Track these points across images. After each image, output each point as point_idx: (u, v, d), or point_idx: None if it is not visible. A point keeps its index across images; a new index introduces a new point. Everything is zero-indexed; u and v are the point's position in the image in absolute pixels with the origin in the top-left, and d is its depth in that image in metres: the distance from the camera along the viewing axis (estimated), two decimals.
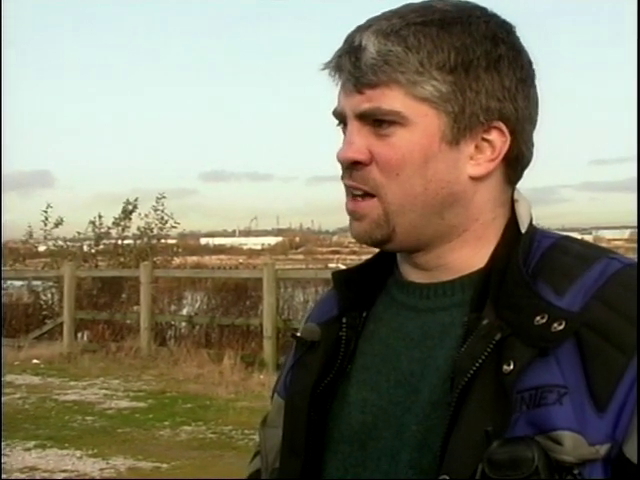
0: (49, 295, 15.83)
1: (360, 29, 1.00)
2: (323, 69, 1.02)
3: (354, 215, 1.03)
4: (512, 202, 1.04)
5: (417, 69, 0.96)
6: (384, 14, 1.00)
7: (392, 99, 0.97)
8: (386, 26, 0.98)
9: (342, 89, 1.02)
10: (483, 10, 1.02)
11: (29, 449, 7.40)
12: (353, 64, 0.98)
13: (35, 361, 12.52)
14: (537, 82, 1.04)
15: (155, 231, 17.25)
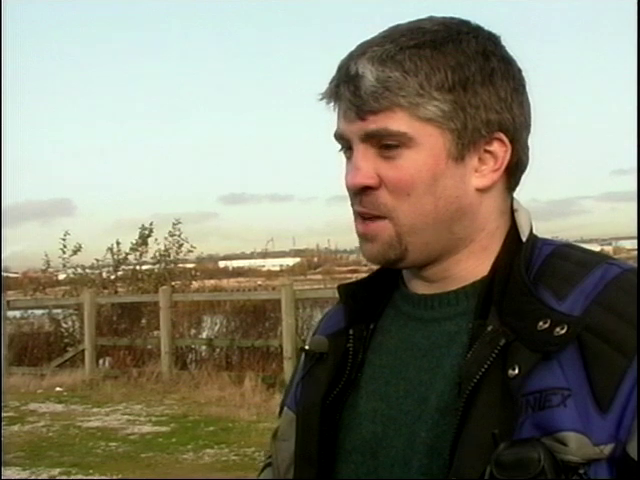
0: (70, 323, 15.87)
1: (353, 56, 1.01)
2: (321, 99, 1.04)
3: (365, 237, 1.05)
4: (512, 211, 1.07)
5: (417, 92, 0.98)
6: (375, 39, 1.02)
7: (397, 121, 0.99)
8: (381, 52, 0.99)
9: (343, 117, 1.03)
10: (469, 25, 1.04)
11: (54, 476, 7.43)
12: (353, 93, 1.00)
13: (58, 389, 12.57)
14: (528, 88, 1.06)
15: (172, 256, 17.30)
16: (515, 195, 1.09)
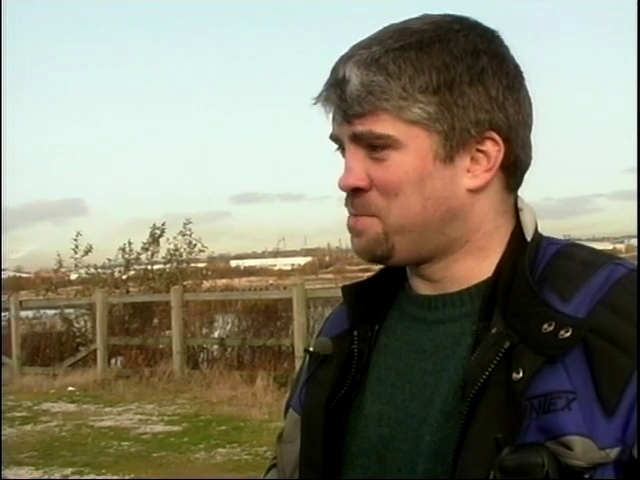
0: (82, 322, 15.92)
1: (343, 60, 1.02)
2: (315, 103, 1.05)
3: (353, 231, 1.05)
4: (516, 210, 1.06)
5: (400, 95, 0.98)
6: (364, 41, 1.02)
7: (382, 124, 0.99)
8: (367, 55, 0.99)
9: (333, 120, 1.04)
10: (463, 22, 1.03)
11: (67, 476, 7.47)
12: (339, 97, 1.00)
13: (70, 388, 12.63)
14: (527, 83, 1.04)
15: (184, 255, 17.33)
16: (527, 193, 1.07)
